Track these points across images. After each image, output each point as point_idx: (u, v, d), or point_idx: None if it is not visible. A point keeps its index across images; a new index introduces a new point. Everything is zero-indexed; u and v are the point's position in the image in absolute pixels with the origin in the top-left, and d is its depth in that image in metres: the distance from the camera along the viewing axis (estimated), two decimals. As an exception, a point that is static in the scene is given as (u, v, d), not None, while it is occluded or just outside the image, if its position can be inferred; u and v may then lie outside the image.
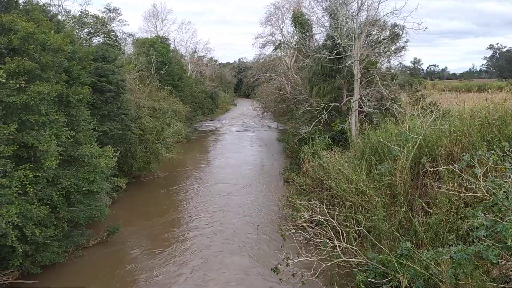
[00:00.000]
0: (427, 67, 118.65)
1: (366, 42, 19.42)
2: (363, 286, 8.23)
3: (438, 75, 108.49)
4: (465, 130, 10.51)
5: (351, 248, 9.32)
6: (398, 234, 9.20)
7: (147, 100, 23.20)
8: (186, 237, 13.60)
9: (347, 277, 9.63)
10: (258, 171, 23.67)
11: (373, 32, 20.81)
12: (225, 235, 13.63)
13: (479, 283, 6.96)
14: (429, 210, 9.97)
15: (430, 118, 11.61)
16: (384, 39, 20.18)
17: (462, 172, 7.72)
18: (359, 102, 18.31)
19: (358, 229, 10.17)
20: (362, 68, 18.62)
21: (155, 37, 42.42)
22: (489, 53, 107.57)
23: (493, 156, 6.58)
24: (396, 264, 8.31)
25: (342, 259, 9.03)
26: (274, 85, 36.02)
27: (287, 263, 8.69)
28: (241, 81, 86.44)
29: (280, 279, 8.55)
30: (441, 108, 15.01)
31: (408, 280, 8.13)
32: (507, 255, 6.51)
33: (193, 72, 56.49)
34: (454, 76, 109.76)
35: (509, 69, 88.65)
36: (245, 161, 26.33)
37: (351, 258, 9.23)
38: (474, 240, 6.15)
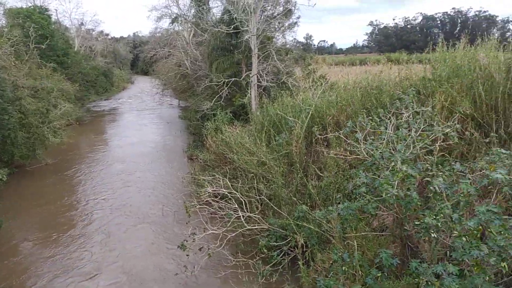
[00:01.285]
0: (318, 43, 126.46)
1: (262, 17, 19.88)
2: (265, 250, 8.79)
3: (327, 50, 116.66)
4: (349, 100, 11.59)
5: (254, 216, 9.81)
6: (295, 199, 9.89)
7: (27, 79, 20.50)
8: (85, 218, 12.85)
9: (251, 243, 10.14)
10: (161, 149, 23.03)
11: (268, 7, 21.35)
12: (128, 215, 13.16)
13: (362, 233, 7.93)
14: (321, 174, 10.92)
15: (320, 90, 12.51)
16: (278, 15, 20.86)
17: (346, 138, 8.56)
18: (257, 76, 18.83)
19: (260, 198, 10.68)
20: (259, 43, 19.08)
21: (32, 7, 37.21)
22: (369, 29, 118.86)
23: (370, 122, 7.42)
24: (294, 226, 9.02)
25: (246, 228, 9.46)
26: (173, 61, 34.78)
27: (194, 239, 8.81)
28: (138, 57, 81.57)
29: (187, 255, 8.61)
30: (329, 80, 16.29)
31: (304, 239, 8.91)
32: (383, 207, 7.49)
33: (81, 47, 51.39)
34: (341, 51, 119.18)
35: (386, 44, 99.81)
36: (147, 140, 25.38)
37: (254, 226, 9.73)
38: (357, 196, 6.93)
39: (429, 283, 4.92)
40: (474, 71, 8.98)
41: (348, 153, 9.61)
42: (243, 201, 9.97)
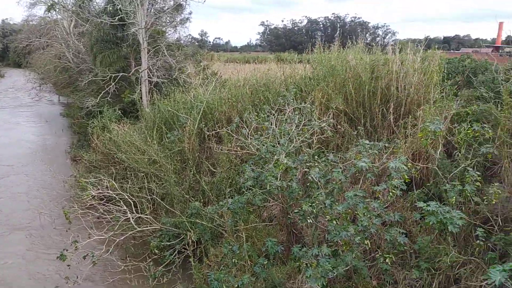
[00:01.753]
0: (213, 40, 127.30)
1: (151, 11, 19.14)
2: (156, 251, 8.54)
3: (222, 48, 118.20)
4: (239, 96, 11.91)
5: (145, 217, 9.44)
6: (187, 196, 9.81)
7: None
8: None
9: (143, 246, 9.75)
10: (40, 150, 20.59)
11: (158, 1, 20.67)
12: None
13: (253, 225, 8.25)
14: (214, 170, 11.03)
15: (211, 87, 12.60)
16: (168, 9, 20.33)
17: (234, 133, 8.79)
18: (148, 72, 18.09)
19: (152, 198, 10.32)
20: (149, 37, 18.34)
21: None
22: (261, 29, 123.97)
23: (256, 118, 7.75)
24: (187, 224, 8.94)
25: (136, 230, 9.05)
26: (52, 53, 31.31)
27: (76, 247, 8.09)
28: (8, 48, 71.29)
29: (68, 265, 7.88)
30: (222, 77, 16.52)
31: (198, 236, 8.90)
32: (270, 198, 7.91)
33: None
34: (236, 49, 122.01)
35: (277, 44, 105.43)
36: (23, 140, 22.45)
37: (146, 227, 9.37)
38: (245, 190, 7.18)
39: (308, 265, 5.34)
40: (346, 71, 10.01)
41: (239, 148, 9.91)
42: (132, 202, 9.50)
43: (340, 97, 9.53)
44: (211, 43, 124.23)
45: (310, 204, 5.48)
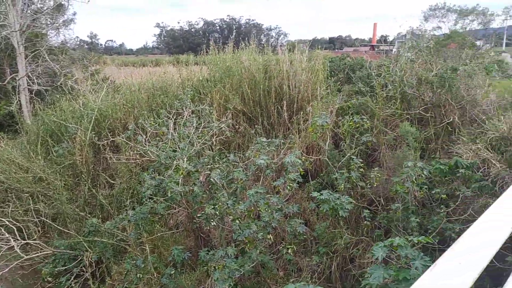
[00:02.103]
0: (105, 42, 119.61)
1: (28, 11, 17.10)
2: (50, 278, 7.68)
3: (116, 51, 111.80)
4: (135, 102, 11.35)
5: (34, 243, 8.41)
6: (83, 214, 9.02)
7: None
8: None
9: (34, 274, 8.67)
10: None
11: (35, 0, 18.58)
12: None
13: (158, 235, 7.94)
14: (113, 182, 10.33)
15: (103, 93, 11.78)
16: (47, 9, 18.39)
17: (132, 141, 8.35)
18: (27, 79, 16.13)
19: (41, 220, 9.24)
20: (26, 41, 16.36)
21: None
22: (158, 31, 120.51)
23: (152, 123, 7.46)
24: (84, 244, 8.21)
25: (24, 258, 8.00)
26: None
27: None
28: None
29: None
30: (114, 82, 15.54)
31: (98, 254, 8.24)
32: (174, 205, 7.69)
33: None
34: (131, 52, 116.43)
35: (175, 46, 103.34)
36: None
37: (36, 253, 8.35)
38: (146, 200, 6.86)
39: (215, 267, 5.32)
40: (241, 72, 10.24)
41: (138, 156, 9.43)
42: (16, 228, 8.37)
43: (237, 97, 9.71)
44: (103, 46, 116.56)
45: (212, 206, 5.46)
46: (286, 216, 6.78)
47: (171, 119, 8.01)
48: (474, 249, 1.28)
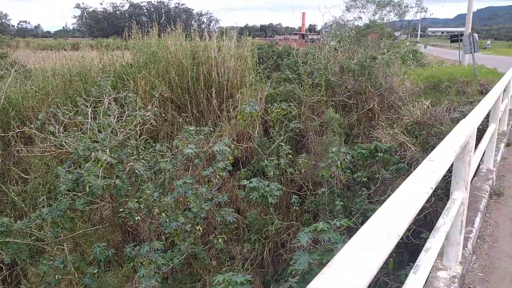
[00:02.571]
0: (18, 23, 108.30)
1: None
2: (-50, 290, 6.77)
3: (31, 33, 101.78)
4: (48, 89, 10.35)
5: None
6: (-11, 214, 8.07)
7: None
8: None
9: None
10: None
11: None
12: None
13: (79, 232, 7.37)
14: (27, 177, 9.37)
15: (9, 79, 10.54)
16: None
17: (44, 132, 7.58)
18: None
19: None
20: None
21: None
22: (78, 12, 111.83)
23: (65, 112, 6.81)
24: (-6, 246, 7.35)
25: None
26: None
27: None
28: None
29: None
30: (26, 67, 14.01)
31: (12, 257, 7.45)
32: (95, 200, 7.17)
33: None
34: (49, 34, 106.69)
35: (98, 29, 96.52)
36: None
37: None
38: (62, 196, 6.29)
39: (141, 263, 5.06)
40: (168, 58, 9.79)
41: (54, 148, 8.62)
42: None
43: (164, 84, 9.29)
44: (15, 27, 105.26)
45: (136, 200, 5.15)
46: (218, 206, 6.68)
47: (88, 107, 7.40)
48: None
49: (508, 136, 7.01)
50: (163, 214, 5.03)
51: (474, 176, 4.69)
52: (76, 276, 6.11)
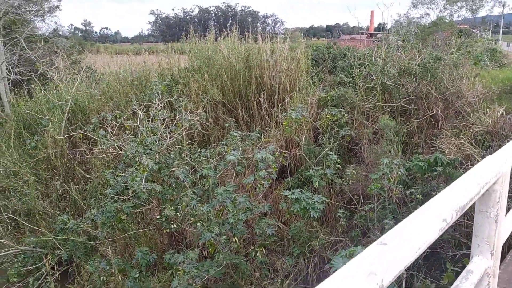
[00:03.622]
0: (100, 30, 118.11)
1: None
2: (14, 279, 7.33)
3: (111, 39, 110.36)
4: (112, 92, 10.92)
5: (5, 241, 8.06)
6: (53, 210, 8.66)
7: None
8: None
9: (4, 273, 8.34)
10: None
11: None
12: None
13: (129, 233, 7.60)
14: (88, 177, 9.94)
15: (78, 82, 11.31)
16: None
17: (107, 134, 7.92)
18: (6, 67, 15.59)
19: (10, 217, 8.86)
20: (4, 28, 15.79)
21: None
22: (152, 18, 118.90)
23: (118, 115, 7.03)
24: (55, 241, 7.86)
25: (-10, 257, 7.66)
26: None
27: None
28: None
29: None
30: (96, 71, 15.03)
31: (69, 253, 7.90)
32: (141, 202, 7.30)
33: None
34: (126, 40, 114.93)
35: (170, 34, 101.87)
36: None
37: (7, 250, 8.00)
38: (110, 199, 6.48)
39: (177, 271, 4.98)
40: (221, 62, 9.77)
41: (112, 149, 9.02)
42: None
43: (216, 88, 9.27)
44: (98, 34, 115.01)
45: (172, 207, 5.09)
46: (261, 216, 6.44)
47: (139, 111, 7.58)
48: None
49: None
50: (198, 223, 4.89)
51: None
52: (120, 278, 6.25)
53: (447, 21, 11.17)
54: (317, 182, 5.88)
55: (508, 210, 1.93)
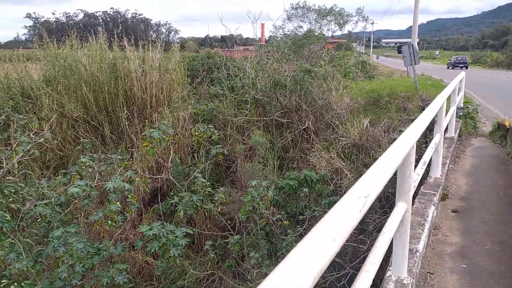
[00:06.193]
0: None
1: None
2: None
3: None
4: None
5: None
6: None
7: None
8: None
9: None
10: None
11: None
12: None
13: None
14: None
15: None
16: None
17: None
18: None
19: None
20: None
21: None
22: (30, 22, 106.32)
23: None
24: None
25: None
26: None
27: None
28: None
29: None
30: None
31: None
32: None
33: None
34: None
35: (52, 39, 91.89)
36: None
37: None
38: None
39: None
40: (80, 71, 8.45)
41: None
42: None
43: (74, 102, 7.93)
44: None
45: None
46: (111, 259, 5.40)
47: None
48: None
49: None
50: (12, 286, 3.70)
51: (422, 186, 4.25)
52: None
53: (316, 34, 11.58)
54: (182, 211, 5.12)
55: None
